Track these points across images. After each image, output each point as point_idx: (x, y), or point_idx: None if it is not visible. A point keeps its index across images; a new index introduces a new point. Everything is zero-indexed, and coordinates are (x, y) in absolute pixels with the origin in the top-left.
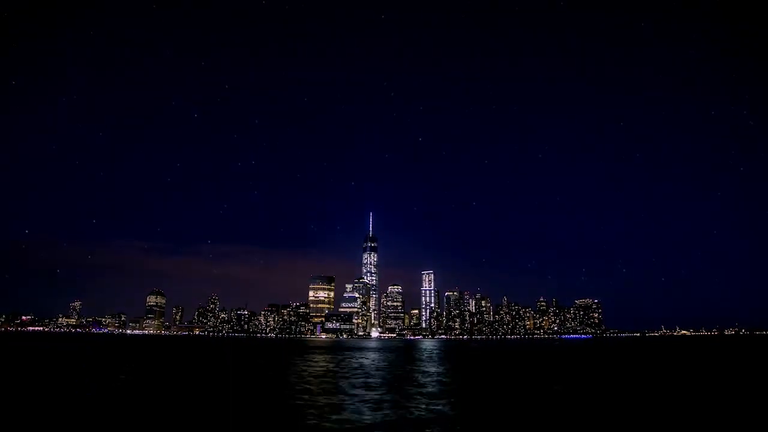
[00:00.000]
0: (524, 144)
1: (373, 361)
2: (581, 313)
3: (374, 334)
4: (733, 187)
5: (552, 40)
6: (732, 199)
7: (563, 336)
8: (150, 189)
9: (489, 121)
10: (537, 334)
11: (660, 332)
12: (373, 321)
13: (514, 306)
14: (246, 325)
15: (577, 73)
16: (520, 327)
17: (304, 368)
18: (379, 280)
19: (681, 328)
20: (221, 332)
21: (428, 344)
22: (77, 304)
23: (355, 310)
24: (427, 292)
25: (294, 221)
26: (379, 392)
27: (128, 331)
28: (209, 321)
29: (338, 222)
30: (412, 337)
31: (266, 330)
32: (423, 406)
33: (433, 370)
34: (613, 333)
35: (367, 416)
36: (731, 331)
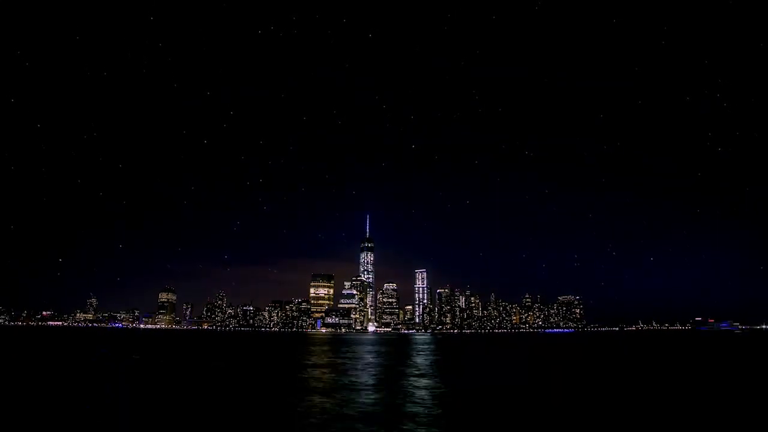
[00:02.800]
0: (511, 142)
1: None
2: (564, 308)
3: (371, 328)
4: (713, 169)
5: (531, 41)
6: (712, 181)
7: (547, 330)
8: (167, 215)
9: (476, 123)
10: (523, 328)
11: (636, 327)
12: (369, 316)
13: (501, 302)
14: (251, 320)
15: (554, 70)
16: (506, 322)
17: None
18: (375, 278)
19: (656, 323)
20: (228, 327)
21: (420, 338)
22: (94, 300)
23: (353, 306)
24: (420, 289)
25: (301, 229)
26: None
27: (141, 326)
28: (217, 316)
29: (339, 225)
30: (406, 331)
31: (270, 325)
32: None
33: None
34: (594, 327)
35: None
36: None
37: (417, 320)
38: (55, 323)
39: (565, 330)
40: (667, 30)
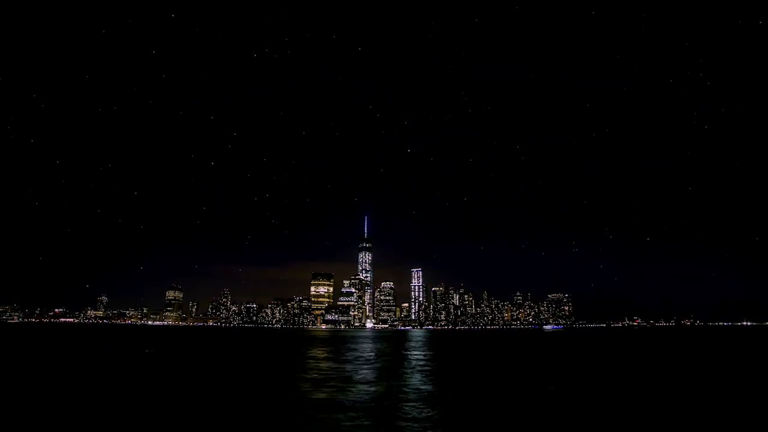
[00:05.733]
0: (502, 139)
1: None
2: (553, 306)
3: (369, 325)
4: (702, 147)
5: (515, 41)
6: (701, 158)
7: (537, 327)
8: (181, 234)
9: (467, 123)
10: (514, 324)
11: (623, 323)
12: (367, 313)
13: (493, 300)
14: (254, 317)
15: (540, 67)
16: (498, 319)
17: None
18: (373, 277)
19: (642, 320)
20: (232, 323)
21: (417, 334)
22: (104, 298)
23: (352, 303)
24: (416, 287)
25: (305, 233)
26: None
27: (149, 322)
28: (221, 313)
29: (340, 228)
30: (402, 328)
31: (272, 321)
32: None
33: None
34: (582, 324)
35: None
36: (687, 322)
37: (413, 317)
38: (67, 320)
39: (555, 326)
40: (646, 16)
